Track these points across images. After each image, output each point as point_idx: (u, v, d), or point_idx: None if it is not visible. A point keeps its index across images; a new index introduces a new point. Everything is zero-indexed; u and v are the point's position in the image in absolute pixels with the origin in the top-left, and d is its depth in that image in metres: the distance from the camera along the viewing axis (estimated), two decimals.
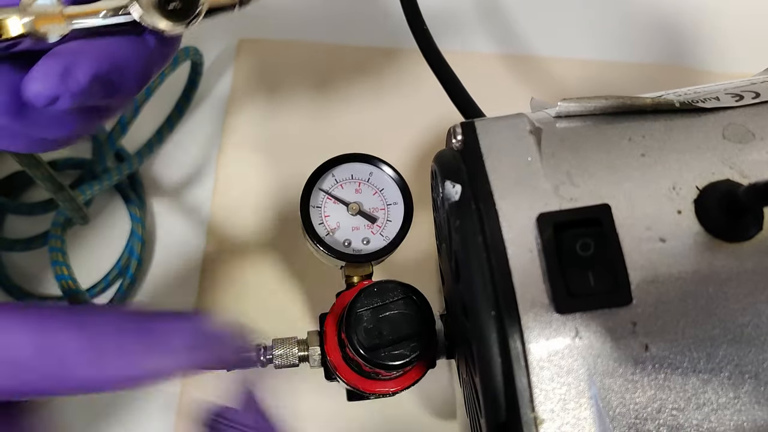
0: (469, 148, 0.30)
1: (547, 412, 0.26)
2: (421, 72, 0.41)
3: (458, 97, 0.39)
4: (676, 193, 0.27)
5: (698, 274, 0.26)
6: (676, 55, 0.62)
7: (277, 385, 0.40)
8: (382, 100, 0.59)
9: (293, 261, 0.55)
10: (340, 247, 0.39)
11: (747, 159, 0.28)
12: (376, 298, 0.35)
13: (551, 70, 0.61)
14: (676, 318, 0.26)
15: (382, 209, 0.40)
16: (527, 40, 0.62)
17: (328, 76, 0.60)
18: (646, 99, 0.30)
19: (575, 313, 0.26)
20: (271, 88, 0.60)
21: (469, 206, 0.28)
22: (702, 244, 0.26)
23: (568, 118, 0.31)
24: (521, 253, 0.27)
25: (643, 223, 0.27)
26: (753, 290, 0.26)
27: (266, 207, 0.56)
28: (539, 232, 0.27)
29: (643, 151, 0.29)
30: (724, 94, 0.30)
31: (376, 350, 0.34)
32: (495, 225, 0.27)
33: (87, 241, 0.55)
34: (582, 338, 0.26)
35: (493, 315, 0.26)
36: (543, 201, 0.28)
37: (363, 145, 0.42)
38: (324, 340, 0.37)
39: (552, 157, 0.29)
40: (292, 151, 0.58)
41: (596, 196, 0.27)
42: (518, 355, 0.26)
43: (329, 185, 0.40)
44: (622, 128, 0.30)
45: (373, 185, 0.40)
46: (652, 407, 0.26)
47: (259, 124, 0.59)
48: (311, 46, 0.61)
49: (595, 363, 0.26)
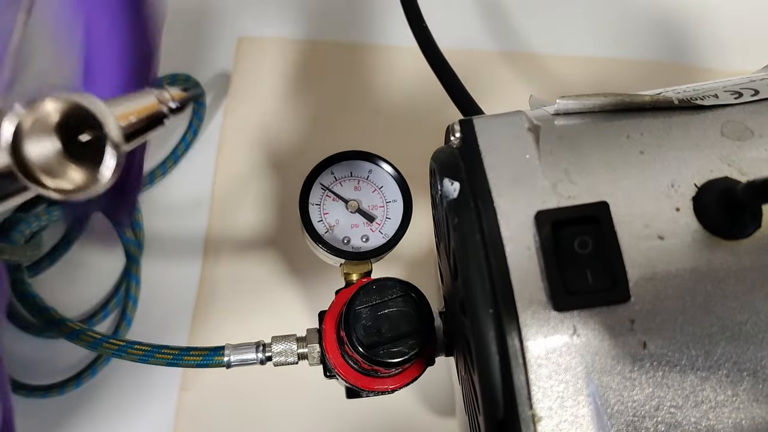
0: (467, 145, 0.30)
1: (545, 410, 0.26)
2: (420, 69, 0.41)
3: (457, 95, 0.39)
4: (675, 191, 0.27)
5: (696, 271, 0.26)
6: (675, 52, 0.62)
7: (276, 383, 0.41)
8: (381, 98, 0.59)
9: (292, 258, 0.55)
10: (339, 245, 0.39)
11: (745, 156, 0.28)
12: (375, 295, 0.35)
13: (550, 67, 0.61)
14: (674, 315, 0.26)
15: (381, 207, 0.40)
16: (526, 38, 0.62)
17: (327, 74, 0.60)
18: (644, 96, 0.30)
19: (573, 310, 0.26)
20: (270, 86, 0.60)
21: (467, 204, 0.28)
22: (700, 242, 0.26)
23: (567, 116, 0.31)
24: (519, 250, 0.27)
25: (642, 220, 0.27)
26: (751, 288, 0.26)
27: (265, 204, 0.56)
28: (537, 229, 0.27)
29: (641, 148, 0.29)
30: (722, 91, 0.30)
31: (375, 348, 0.34)
32: (493, 222, 0.27)
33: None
34: (580, 336, 0.26)
35: (491, 313, 0.26)
36: (541, 198, 0.27)
37: (362, 143, 0.42)
38: (323, 337, 0.37)
39: (550, 154, 0.29)
40: (291, 149, 0.58)
41: (594, 194, 0.27)
42: (516, 352, 0.26)
43: (328, 183, 0.40)
44: (621, 126, 0.30)
45: (372, 183, 0.40)
46: (650, 405, 0.26)
47: (258, 122, 0.59)
48: (310, 44, 0.61)
49: (593, 360, 0.26)
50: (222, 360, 0.38)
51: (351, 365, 0.36)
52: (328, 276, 0.44)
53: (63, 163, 0.23)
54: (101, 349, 0.40)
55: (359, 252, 0.39)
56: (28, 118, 0.22)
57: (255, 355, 0.38)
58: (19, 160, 0.22)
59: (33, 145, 0.22)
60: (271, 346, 0.38)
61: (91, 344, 0.40)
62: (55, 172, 0.23)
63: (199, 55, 0.60)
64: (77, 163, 0.23)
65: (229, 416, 0.52)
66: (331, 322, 0.37)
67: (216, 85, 0.60)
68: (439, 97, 0.40)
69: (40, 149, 0.22)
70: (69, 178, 0.23)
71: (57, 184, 0.22)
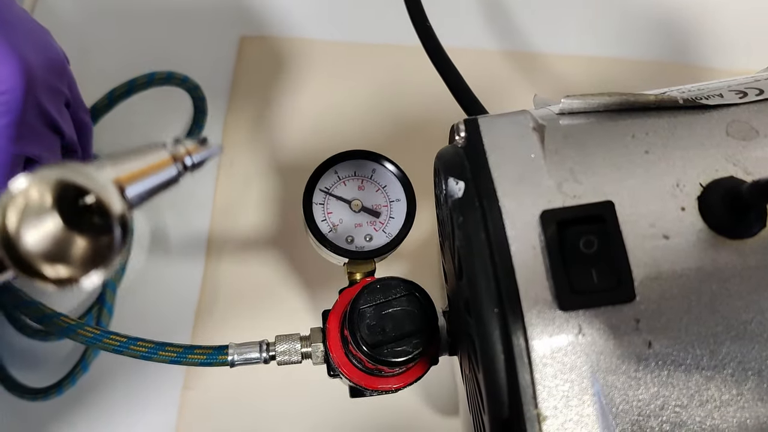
0: (472, 144, 0.30)
1: (550, 409, 0.26)
2: (424, 68, 0.41)
3: (461, 94, 0.39)
4: (680, 190, 0.27)
5: (702, 271, 0.26)
6: (679, 52, 0.62)
7: (279, 383, 0.41)
8: (384, 97, 0.59)
9: (296, 258, 0.55)
10: (342, 244, 0.39)
11: (751, 156, 0.28)
12: (379, 294, 0.35)
13: (555, 67, 0.61)
14: (680, 315, 0.26)
15: (385, 206, 0.40)
16: (531, 37, 0.62)
17: (330, 73, 0.60)
18: (649, 96, 0.30)
19: (578, 310, 0.26)
20: (273, 85, 0.60)
21: (472, 203, 0.28)
22: (705, 241, 0.26)
23: (572, 115, 0.31)
24: (524, 250, 0.27)
25: (647, 220, 0.27)
26: (756, 287, 0.26)
27: (268, 203, 0.56)
28: (542, 229, 0.27)
29: (646, 148, 0.29)
30: (727, 91, 0.30)
31: (379, 347, 0.34)
32: (498, 222, 0.27)
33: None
34: (585, 335, 0.26)
35: (496, 312, 0.26)
36: (546, 198, 0.27)
37: (366, 142, 0.42)
38: (327, 336, 0.37)
39: (555, 154, 0.29)
40: (294, 148, 0.58)
41: (600, 193, 0.27)
42: (521, 352, 0.26)
43: (332, 182, 0.40)
44: (626, 125, 0.30)
45: (375, 182, 0.40)
46: (655, 404, 0.26)
47: (261, 120, 0.59)
48: (313, 43, 0.61)
49: (599, 360, 0.26)
50: (226, 359, 0.38)
51: (355, 364, 0.36)
52: (331, 275, 0.44)
53: (67, 237, 0.21)
54: (102, 345, 0.39)
55: (363, 251, 0.39)
56: (14, 208, 0.20)
57: (259, 354, 0.38)
58: (14, 255, 0.20)
59: (29, 232, 0.20)
60: (274, 345, 0.38)
61: (90, 340, 0.39)
62: (59, 252, 0.20)
63: (202, 54, 0.60)
64: (83, 233, 0.21)
65: (232, 415, 0.52)
66: (335, 321, 0.37)
67: (218, 83, 0.60)
68: (443, 97, 0.40)
69: (37, 234, 0.20)
70: (75, 254, 0.21)
71: (57, 272, 0.20)
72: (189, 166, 0.25)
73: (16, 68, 0.34)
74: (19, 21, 0.37)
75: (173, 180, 0.25)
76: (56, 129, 0.39)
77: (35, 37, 0.38)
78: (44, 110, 0.37)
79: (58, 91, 0.38)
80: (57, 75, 0.38)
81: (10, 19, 0.36)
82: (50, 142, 0.38)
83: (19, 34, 0.35)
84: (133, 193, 0.22)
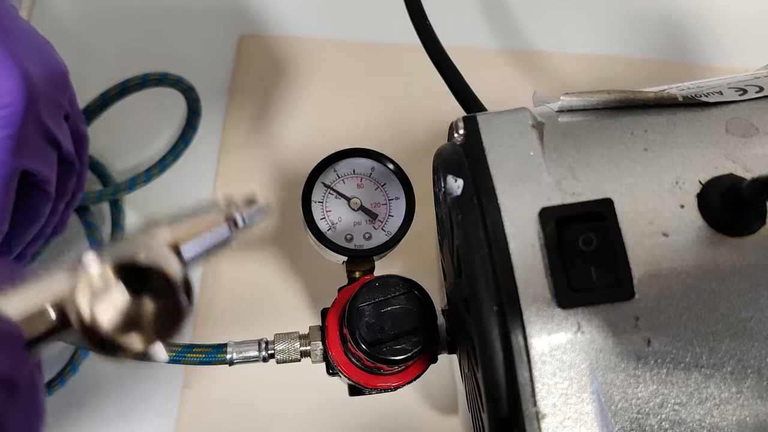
0: (471, 142, 0.30)
1: (549, 407, 0.26)
2: (423, 67, 0.41)
3: (460, 92, 0.39)
4: (679, 188, 0.27)
5: (701, 268, 0.26)
6: (678, 49, 0.62)
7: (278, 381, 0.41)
8: (383, 95, 0.59)
9: (295, 256, 0.55)
10: (341, 242, 0.39)
11: (750, 153, 0.28)
12: (378, 293, 0.35)
13: (553, 64, 0.60)
14: (679, 313, 0.26)
15: (384, 204, 0.40)
16: (529, 35, 0.62)
17: (329, 72, 0.60)
18: (648, 93, 0.30)
19: (577, 307, 0.26)
20: (272, 83, 0.60)
21: (471, 201, 0.28)
22: (705, 239, 0.26)
23: (571, 113, 0.31)
24: (523, 247, 0.27)
25: (646, 217, 0.27)
26: (756, 285, 0.26)
27: (268, 201, 0.56)
28: (541, 226, 0.27)
29: (645, 145, 0.28)
30: (727, 88, 0.30)
31: (378, 345, 0.34)
32: (497, 219, 0.27)
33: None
34: (584, 333, 0.26)
35: (495, 310, 0.26)
36: (545, 195, 0.27)
37: (365, 140, 0.42)
38: (326, 335, 0.37)
39: (554, 151, 0.29)
40: (293, 146, 0.58)
41: (599, 191, 0.27)
42: (520, 349, 0.26)
43: (331, 180, 0.40)
44: (625, 122, 0.29)
45: (375, 180, 0.40)
46: (654, 402, 0.26)
47: (261, 119, 0.59)
48: (313, 42, 0.61)
49: (598, 358, 0.26)
50: (225, 357, 0.38)
51: (354, 363, 0.36)
52: (330, 273, 0.44)
53: (135, 306, 0.21)
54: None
55: (362, 249, 0.39)
56: (83, 295, 0.20)
57: (258, 353, 0.38)
58: (95, 339, 0.20)
59: (102, 311, 0.21)
60: (273, 343, 0.38)
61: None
62: (131, 322, 0.21)
63: (201, 53, 0.60)
64: (148, 297, 0.22)
65: (231, 414, 0.52)
66: (334, 319, 0.37)
67: (217, 82, 0.60)
68: (442, 95, 0.40)
69: (110, 311, 0.21)
70: (146, 320, 0.21)
71: (133, 343, 0.21)
72: (241, 225, 0.26)
73: (18, 82, 0.34)
74: (22, 34, 0.37)
75: (226, 240, 0.25)
76: (54, 142, 0.39)
77: (38, 50, 0.38)
78: (44, 124, 0.37)
79: (58, 105, 0.38)
80: (58, 88, 0.38)
81: (14, 32, 0.36)
82: (48, 156, 0.39)
83: (22, 47, 0.36)
84: (188, 253, 0.23)
